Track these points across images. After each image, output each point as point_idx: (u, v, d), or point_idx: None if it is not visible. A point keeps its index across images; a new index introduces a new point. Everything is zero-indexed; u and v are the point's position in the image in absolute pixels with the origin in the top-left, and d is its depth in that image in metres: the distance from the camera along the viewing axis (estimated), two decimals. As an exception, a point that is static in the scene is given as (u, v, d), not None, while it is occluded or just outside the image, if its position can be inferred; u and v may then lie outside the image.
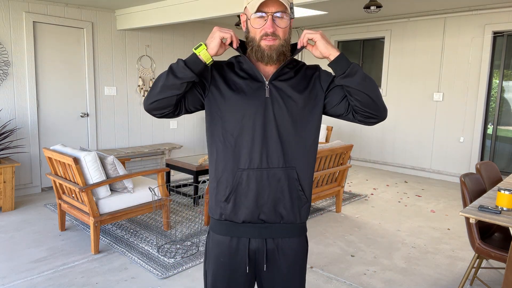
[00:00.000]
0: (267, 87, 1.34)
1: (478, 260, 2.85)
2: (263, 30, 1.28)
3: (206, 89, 1.37)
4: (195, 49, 1.28)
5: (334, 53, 1.27)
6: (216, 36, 1.28)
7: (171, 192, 5.23)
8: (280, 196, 1.35)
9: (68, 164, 3.30)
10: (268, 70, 1.38)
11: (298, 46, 1.35)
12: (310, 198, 1.43)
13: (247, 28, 1.35)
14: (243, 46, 1.41)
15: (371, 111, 1.32)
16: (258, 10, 1.27)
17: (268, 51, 1.30)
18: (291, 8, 1.33)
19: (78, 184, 3.28)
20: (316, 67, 1.44)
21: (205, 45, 1.28)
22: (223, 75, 1.38)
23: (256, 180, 1.33)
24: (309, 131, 1.38)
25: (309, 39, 1.31)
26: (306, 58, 7.79)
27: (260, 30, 1.29)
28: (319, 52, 1.30)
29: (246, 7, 1.33)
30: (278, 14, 1.28)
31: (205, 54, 1.28)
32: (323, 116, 1.47)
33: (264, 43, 1.29)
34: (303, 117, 1.36)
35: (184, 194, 5.07)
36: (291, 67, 1.40)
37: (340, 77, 1.29)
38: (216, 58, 1.41)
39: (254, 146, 1.32)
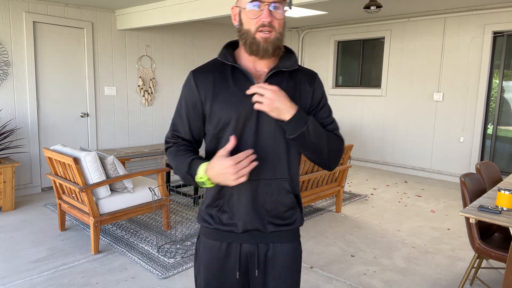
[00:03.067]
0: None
1: (478, 260, 2.85)
2: (259, 21, 1.20)
3: (204, 116, 1.33)
4: (200, 184, 1.26)
5: (283, 116, 1.22)
6: (230, 184, 1.21)
7: (171, 192, 5.23)
8: (273, 207, 1.32)
9: (68, 164, 3.30)
10: (260, 71, 1.31)
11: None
12: (301, 203, 1.41)
13: (240, 21, 1.26)
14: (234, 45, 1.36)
15: (313, 162, 1.37)
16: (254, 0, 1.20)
17: (264, 44, 1.22)
18: (290, 1, 1.27)
19: (78, 184, 3.28)
20: (313, 77, 1.36)
21: (209, 178, 1.23)
22: (211, 89, 1.28)
23: (248, 192, 1.29)
24: None
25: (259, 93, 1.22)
26: (307, 62, 7.79)
27: (256, 21, 1.21)
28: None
29: None
30: (275, 5, 1.21)
31: (208, 186, 1.27)
32: None
33: (259, 35, 1.21)
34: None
35: (184, 194, 5.07)
36: (284, 71, 1.32)
37: (287, 136, 1.25)
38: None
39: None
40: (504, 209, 2.24)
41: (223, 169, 1.18)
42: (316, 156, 1.30)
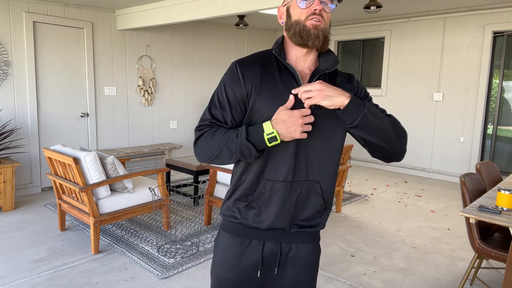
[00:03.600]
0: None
1: (478, 260, 2.85)
2: (310, 10, 1.21)
3: (246, 107, 1.29)
4: (268, 142, 1.19)
5: (341, 103, 1.18)
6: (296, 136, 1.19)
7: (171, 192, 5.23)
8: (301, 208, 1.31)
9: (68, 164, 3.30)
10: (302, 72, 1.29)
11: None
12: (331, 207, 1.37)
13: (288, 15, 1.26)
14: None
15: (382, 155, 1.28)
16: None
17: (314, 30, 1.21)
18: None
19: (78, 184, 3.28)
20: (351, 78, 1.36)
21: (278, 135, 1.19)
22: (257, 82, 1.25)
23: (280, 193, 1.27)
24: (335, 141, 1.30)
25: (310, 105, 1.20)
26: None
27: (307, 11, 1.21)
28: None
29: None
30: (323, 0, 1.23)
31: (275, 143, 1.21)
32: None
33: (310, 23, 1.21)
34: (329, 127, 1.28)
35: (184, 194, 5.07)
36: (325, 74, 1.30)
37: (348, 126, 1.21)
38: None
39: (283, 158, 1.26)
40: (504, 209, 2.24)
41: (291, 119, 1.17)
42: (384, 140, 1.22)
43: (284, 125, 1.17)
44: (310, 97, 1.18)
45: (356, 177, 6.28)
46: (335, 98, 1.17)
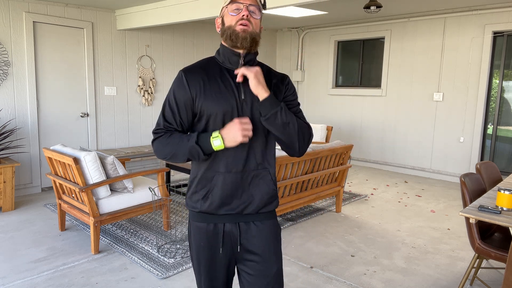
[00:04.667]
0: (241, 88, 1.48)
1: (478, 260, 2.85)
2: (239, 16, 1.43)
3: (194, 109, 1.50)
4: (214, 145, 1.41)
5: (261, 95, 1.41)
6: (238, 140, 1.39)
7: (171, 192, 5.24)
8: (256, 194, 1.51)
9: (68, 164, 3.30)
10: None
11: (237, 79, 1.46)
12: (277, 188, 1.60)
13: (222, 23, 1.48)
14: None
15: (283, 148, 1.52)
16: (234, 1, 1.44)
17: (242, 33, 1.43)
18: (264, 2, 1.52)
19: (78, 184, 3.28)
20: (284, 78, 1.58)
21: (223, 140, 1.40)
22: (199, 83, 1.47)
23: (232, 183, 1.48)
24: (269, 133, 1.53)
25: (243, 74, 1.43)
26: (307, 62, 7.79)
27: (236, 17, 1.43)
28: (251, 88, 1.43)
29: (223, 7, 1.49)
30: (251, 8, 1.45)
31: (220, 147, 1.42)
32: (322, 116, 1.56)
33: (239, 28, 1.43)
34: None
35: (184, 194, 5.07)
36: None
37: (261, 118, 1.43)
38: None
39: (230, 151, 1.47)
40: (504, 209, 2.24)
41: (232, 126, 1.39)
42: (286, 137, 1.46)
43: (227, 131, 1.39)
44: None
45: (356, 177, 6.28)
46: (259, 86, 1.41)
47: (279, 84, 1.55)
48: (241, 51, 1.47)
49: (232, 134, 1.38)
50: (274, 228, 1.57)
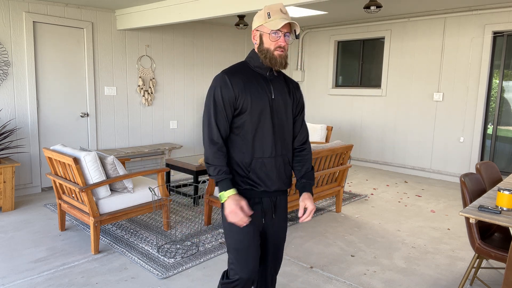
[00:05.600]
0: (271, 89, 1.84)
1: (478, 260, 2.85)
2: (277, 43, 1.76)
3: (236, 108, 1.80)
4: (220, 198, 1.78)
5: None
6: (229, 219, 1.77)
7: (171, 192, 5.23)
8: (282, 175, 1.90)
9: (68, 164, 3.30)
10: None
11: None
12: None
13: (261, 40, 1.79)
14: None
15: None
16: (276, 29, 1.74)
17: (279, 58, 1.78)
18: (298, 34, 1.83)
19: (78, 184, 3.28)
20: (298, 86, 1.99)
21: (224, 206, 1.78)
22: (240, 84, 1.77)
23: (267, 166, 1.84)
24: (292, 125, 1.94)
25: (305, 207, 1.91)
26: (307, 62, 7.79)
27: (275, 43, 1.76)
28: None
29: (263, 25, 1.77)
30: (288, 35, 1.78)
31: (221, 201, 1.80)
32: (322, 116, 1.65)
33: (277, 53, 1.77)
34: (289, 114, 1.90)
35: (184, 194, 5.07)
36: (280, 74, 1.94)
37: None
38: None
39: (266, 139, 1.83)
40: (504, 209, 2.24)
41: (235, 212, 1.74)
42: None
43: (229, 209, 1.75)
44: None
45: (356, 177, 6.28)
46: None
47: (295, 90, 1.95)
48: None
49: (231, 213, 1.74)
50: (287, 200, 2.04)
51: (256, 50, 1.82)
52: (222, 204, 1.83)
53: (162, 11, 4.99)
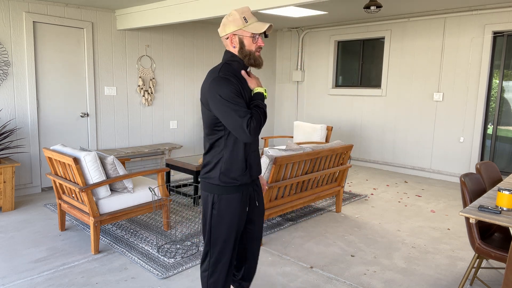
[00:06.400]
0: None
1: (478, 260, 2.85)
2: (257, 45, 1.97)
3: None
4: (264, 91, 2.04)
5: (261, 89, 2.09)
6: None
7: (171, 192, 5.23)
8: (258, 164, 2.15)
9: (68, 164, 3.30)
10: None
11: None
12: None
13: (242, 44, 1.95)
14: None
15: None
16: (261, 32, 1.93)
17: (260, 59, 2.01)
18: (266, 35, 2.02)
19: (78, 184, 3.28)
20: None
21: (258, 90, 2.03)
22: (237, 81, 1.94)
23: (257, 158, 2.12)
24: None
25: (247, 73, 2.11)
26: (307, 62, 7.78)
27: (255, 45, 1.97)
28: None
29: (241, 29, 1.92)
30: (262, 35, 2.00)
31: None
32: (322, 116, 1.73)
33: (257, 54, 1.99)
34: None
35: (184, 194, 5.07)
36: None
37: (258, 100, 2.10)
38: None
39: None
40: (504, 209, 2.24)
41: (253, 80, 2.05)
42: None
43: (253, 85, 2.04)
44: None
45: (356, 177, 6.28)
46: (260, 85, 2.06)
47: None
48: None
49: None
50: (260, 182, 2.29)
51: (237, 53, 1.97)
52: (212, 204, 2.02)
53: (162, 11, 4.99)
